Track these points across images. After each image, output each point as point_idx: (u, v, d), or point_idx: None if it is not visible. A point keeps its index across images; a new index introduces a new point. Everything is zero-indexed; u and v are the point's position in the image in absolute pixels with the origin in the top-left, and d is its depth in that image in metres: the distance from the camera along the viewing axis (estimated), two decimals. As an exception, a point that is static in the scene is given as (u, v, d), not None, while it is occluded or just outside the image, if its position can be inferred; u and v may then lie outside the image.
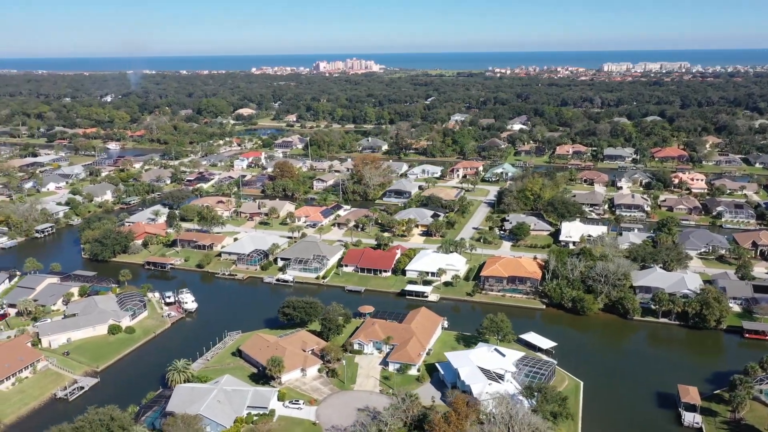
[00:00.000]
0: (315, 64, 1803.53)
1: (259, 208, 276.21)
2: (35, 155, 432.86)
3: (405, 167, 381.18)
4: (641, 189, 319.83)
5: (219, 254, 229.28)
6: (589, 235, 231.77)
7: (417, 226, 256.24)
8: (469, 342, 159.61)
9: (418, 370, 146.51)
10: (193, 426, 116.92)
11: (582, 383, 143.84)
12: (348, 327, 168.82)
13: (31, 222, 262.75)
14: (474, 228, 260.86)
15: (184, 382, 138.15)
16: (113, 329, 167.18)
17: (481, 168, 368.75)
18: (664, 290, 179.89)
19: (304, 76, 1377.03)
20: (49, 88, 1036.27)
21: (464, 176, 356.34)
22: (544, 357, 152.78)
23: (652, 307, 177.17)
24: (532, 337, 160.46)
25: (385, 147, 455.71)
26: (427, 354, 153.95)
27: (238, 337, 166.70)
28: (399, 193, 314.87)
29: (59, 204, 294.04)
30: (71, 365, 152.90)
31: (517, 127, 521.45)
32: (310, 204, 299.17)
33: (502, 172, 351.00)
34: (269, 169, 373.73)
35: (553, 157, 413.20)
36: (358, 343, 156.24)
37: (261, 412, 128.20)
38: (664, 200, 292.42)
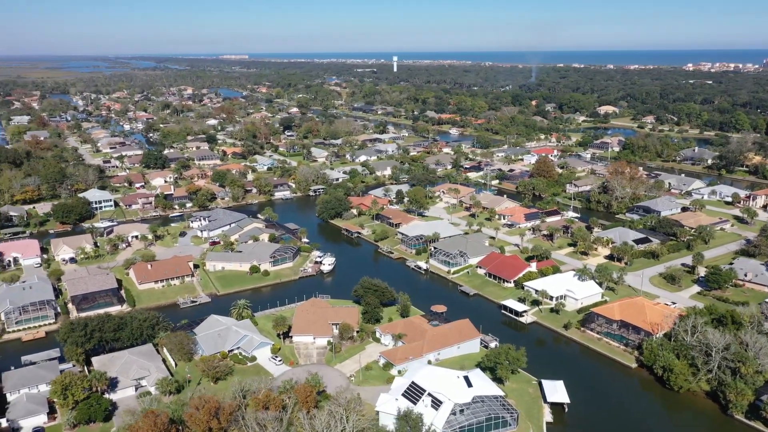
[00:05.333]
0: (765, 61, 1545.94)
1: (470, 200, 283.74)
2: (383, 132, 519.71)
3: (696, 184, 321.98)
4: None
5: (397, 233, 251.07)
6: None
7: (612, 245, 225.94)
8: (483, 367, 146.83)
9: (399, 372, 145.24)
10: (182, 342, 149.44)
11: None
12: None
13: (309, 182, 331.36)
14: (683, 264, 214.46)
15: (237, 317, 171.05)
16: (253, 269, 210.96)
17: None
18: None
19: (737, 73, 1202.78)
20: (461, 77, 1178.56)
21: (764, 206, 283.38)
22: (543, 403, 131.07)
23: (762, 411, 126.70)
24: (550, 385, 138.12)
25: (711, 160, 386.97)
26: (429, 362, 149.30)
27: (322, 300, 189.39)
28: (647, 211, 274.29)
29: (344, 172, 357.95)
30: (207, 285, 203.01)
31: None
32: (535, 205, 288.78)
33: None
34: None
35: None
36: (379, 333, 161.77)
37: (244, 354, 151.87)
38: None
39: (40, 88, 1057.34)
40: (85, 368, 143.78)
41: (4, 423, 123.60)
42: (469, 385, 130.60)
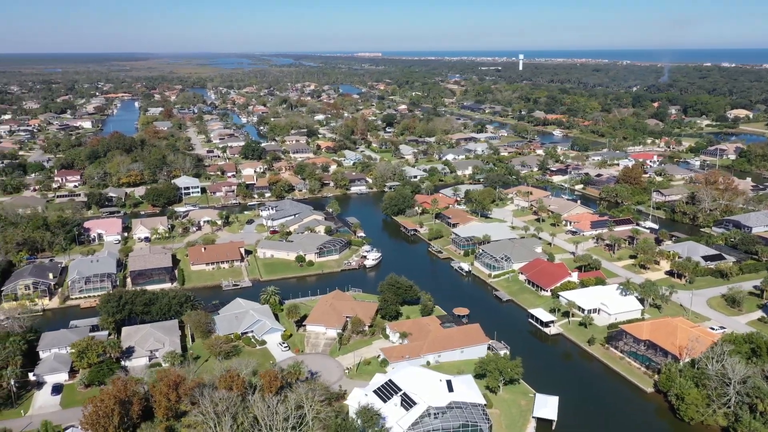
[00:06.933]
0: None
1: (536, 204, 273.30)
2: (480, 131, 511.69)
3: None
4: None
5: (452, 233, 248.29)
6: None
7: (675, 260, 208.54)
8: (483, 375, 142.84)
9: (393, 368, 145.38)
10: (200, 321, 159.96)
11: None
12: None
13: (386, 178, 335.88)
14: (754, 287, 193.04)
15: (263, 302, 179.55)
16: (299, 258, 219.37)
17: None
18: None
19: None
20: (587, 76, 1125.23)
21: None
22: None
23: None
24: (542, 399, 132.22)
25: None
26: (427, 364, 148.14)
27: (345, 293, 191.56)
28: (737, 226, 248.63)
29: (424, 170, 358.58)
30: (253, 271, 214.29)
31: None
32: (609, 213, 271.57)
33: None
34: (649, 174, 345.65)
35: None
36: (388, 330, 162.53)
37: (255, 337, 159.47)
38: None
39: (183, 82, 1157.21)
40: (115, 336, 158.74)
41: (31, 377, 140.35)
42: (450, 389, 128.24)
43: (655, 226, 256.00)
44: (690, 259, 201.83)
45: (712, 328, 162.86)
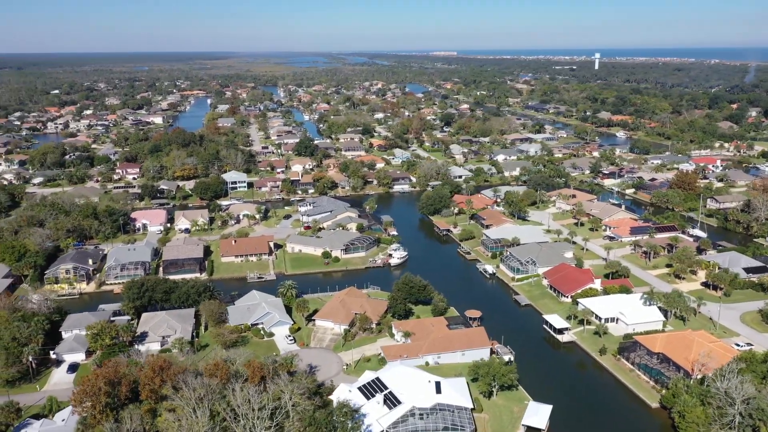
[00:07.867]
0: None
1: (574, 208, 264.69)
2: (538, 132, 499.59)
3: None
4: None
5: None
6: None
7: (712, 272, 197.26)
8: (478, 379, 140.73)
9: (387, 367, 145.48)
10: (213, 311, 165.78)
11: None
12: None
13: (428, 178, 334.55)
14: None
15: (281, 296, 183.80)
16: (325, 254, 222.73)
17: None
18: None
19: None
20: (667, 76, 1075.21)
21: None
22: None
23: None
24: (534, 407, 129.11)
25: None
26: (426, 364, 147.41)
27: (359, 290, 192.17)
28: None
29: (470, 170, 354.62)
30: (280, 264, 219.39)
31: None
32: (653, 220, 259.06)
33: None
34: (709, 179, 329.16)
35: None
36: (394, 329, 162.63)
37: (264, 329, 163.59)
38: None
39: (256, 80, 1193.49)
40: (136, 321, 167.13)
41: (52, 355, 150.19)
42: (438, 391, 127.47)
43: (703, 234, 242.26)
44: (728, 270, 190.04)
45: (738, 345, 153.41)
